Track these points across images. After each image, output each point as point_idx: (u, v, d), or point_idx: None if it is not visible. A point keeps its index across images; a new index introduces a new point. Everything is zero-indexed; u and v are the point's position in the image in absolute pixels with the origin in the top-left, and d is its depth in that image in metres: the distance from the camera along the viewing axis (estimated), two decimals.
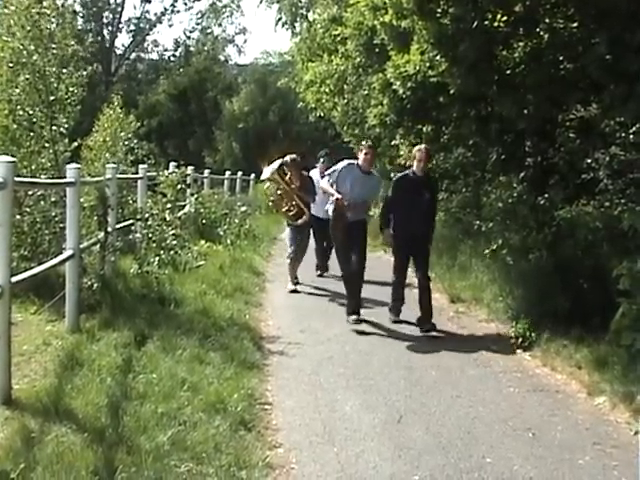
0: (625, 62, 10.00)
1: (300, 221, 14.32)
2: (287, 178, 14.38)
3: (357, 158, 12.21)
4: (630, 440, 7.05)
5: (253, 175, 37.13)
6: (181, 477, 5.57)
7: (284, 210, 14.52)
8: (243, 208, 23.20)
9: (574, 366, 9.20)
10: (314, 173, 15.51)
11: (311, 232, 15.03)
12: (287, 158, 14.46)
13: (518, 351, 10.30)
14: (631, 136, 10.46)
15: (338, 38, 22.03)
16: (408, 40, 14.39)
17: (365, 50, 18.09)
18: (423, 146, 11.88)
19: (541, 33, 12.00)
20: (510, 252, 12.49)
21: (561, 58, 11.79)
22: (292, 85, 32.17)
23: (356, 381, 8.72)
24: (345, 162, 11.90)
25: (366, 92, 19.84)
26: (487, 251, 13.07)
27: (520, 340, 10.44)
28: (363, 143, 13.19)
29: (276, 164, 14.39)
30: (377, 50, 17.44)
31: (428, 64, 13.69)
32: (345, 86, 22.65)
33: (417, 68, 14.12)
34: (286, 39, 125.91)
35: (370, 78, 18.17)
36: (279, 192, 14.47)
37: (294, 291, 14.41)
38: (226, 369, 8.23)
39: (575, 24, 11.40)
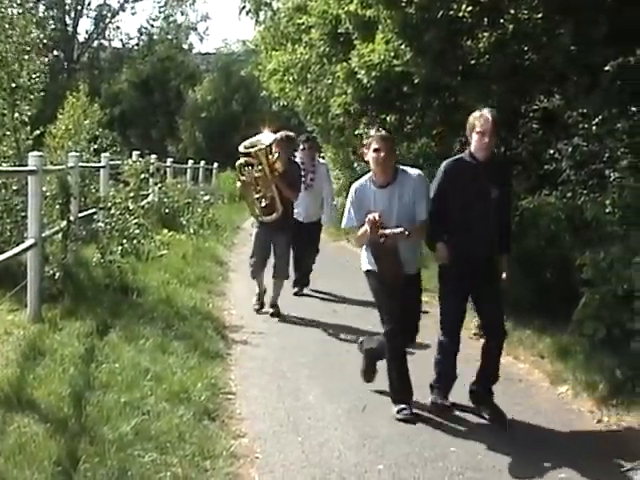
0: (589, 53, 10.05)
1: (269, 218, 10.99)
2: (271, 160, 10.93)
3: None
4: (593, 428, 7.11)
5: (216, 164, 37.05)
6: (145, 467, 5.52)
7: (253, 198, 11.07)
8: (206, 197, 23.17)
9: (537, 355, 9.25)
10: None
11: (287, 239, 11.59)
12: (281, 134, 11.27)
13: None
14: (594, 127, 10.51)
15: (302, 27, 21.94)
16: (373, 29, 14.38)
17: (329, 39, 18.02)
18: (486, 111, 7.30)
19: (506, 24, 12.03)
20: None
21: (525, 49, 11.84)
22: (255, 74, 32.03)
23: (320, 370, 8.73)
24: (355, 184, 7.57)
25: (330, 81, 19.78)
26: None
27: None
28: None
29: (269, 137, 11.00)
30: (341, 39, 17.39)
31: (393, 53, 13.68)
32: (309, 75, 22.56)
33: (382, 57, 14.10)
34: (250, 27, 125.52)
35: (334, 67, 18.12)
36: (256, 174, 10.84)
37: (276, 314, 11.44)
38: (189, 358, 8.20)
39: (540, 15, 11.43)
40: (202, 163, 35.36)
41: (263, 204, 11.08)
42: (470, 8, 11.76)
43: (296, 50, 23.21)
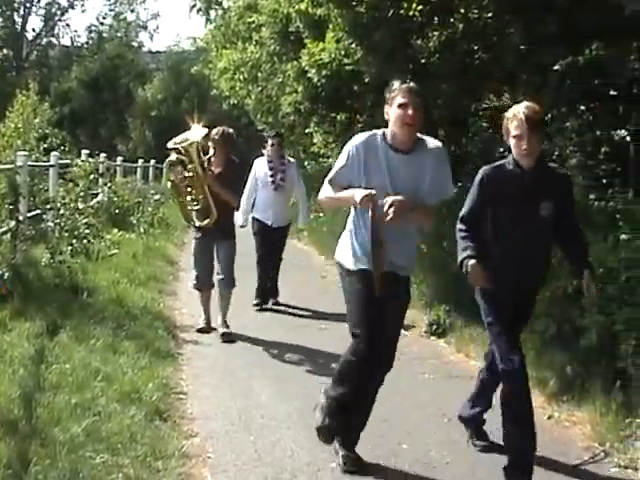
0: (539, 53, 10.13)
1: (204, 222, 9.77)
2: (206, 158, 9.80)
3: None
4: (543, 424, 7.12)
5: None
6: (96, 468, 5.47)
7: (185, 201, 9.87)
8: (156, 196, 23.04)
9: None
10: (260, 163, 12.09)
11: (235, 245, 10.35)
12: (218, 129, 10.11)
13: (432, 338, 10.39)
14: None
15: (253, 25, 21.97)
16: (323, 28, 14.41)
17: (280, 38, 18.03)
18: (521, 108, 5.96)
19: (456, 23, 12.10)
20: (424, 239, 12.57)
21: (475, 48, 11.92)
22: (206, 72, 31.97)
23: (272, 369, 8.73)
24: (360, 137, 6.06)
25: (280, 80, 19.81)
26: None
27: (435, 327, 10.51)
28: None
29: (199, 132, 9.79)
30: (292, 38, 17.41)
31: (343, 52, 13.74)
32: (259, 74, 22.57)
33: (332, 56, 14.14)
34: (201, 26, 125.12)
35: (285, 66, 18.15)
36: (187, 174, 9.61)
37: (203, 330, 10.38)
38: (140, 358, 8.14)
39: (490, 14, 11.51)
40: (152, 162, 35.20)
41: (196, 207, 9.80)
42: (420, 7, 11.81)
43: (247, 49, 23.22)
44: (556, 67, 10.16)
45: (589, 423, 6.95)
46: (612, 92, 11.45)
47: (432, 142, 6.07)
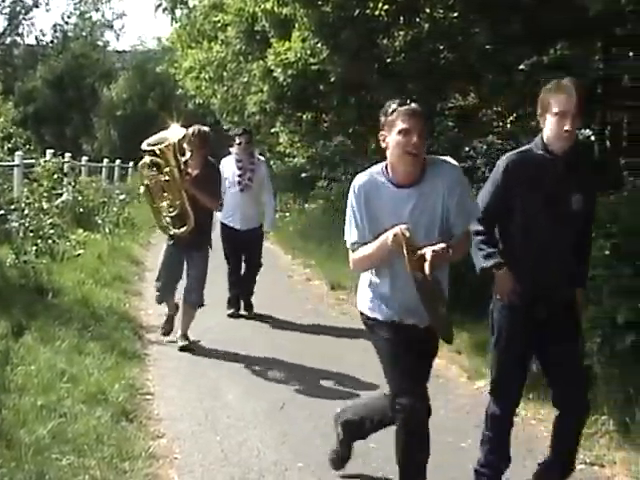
0: (504, 52, 10.18)
1: (180, 231, 9.00)
2: (183, 160, 9.04)
3: None
4: None
5: (131, 163, 36.71)
6: (63, 470, 5.44)
7: (160, 206, 9.02)
8: (122, 196, 22.95)
9: (454, 351, 9.30)
10: (227, 162, 11.26)
11: (209, 254, 9.66)
12: (194, 128, 9.37)
13: None
14: (508, 125, 10.66)
15: (219, 25, 21.90)
16: (289, 27, 14.39)
17: (246, 37, 17.99)
18: (567, 82, 5.16)
19: (421, 22, 12.13)
20: None
21: (441, 47, 11.95)
22: (171, 72, 31.86)
23: (238, 369, 8.71)
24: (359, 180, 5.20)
25: (246, 79, 19.78)
26: None
27: None
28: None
29: (178, 132, 9.02)
30: (258, 37, 17.37)
31: (309, 52, 13.72)
32: (225, 73, 22.53)
33: (298, 56, 14.12)
34: (166, 25, 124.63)
35: (250, 65, 18.12)
36: (164, 178, 8.83)
37: (186, 348, 9.45)
38: (106, 359, 8.10)
39: (455, 14, 11.54)
40: (117, 162, 35.03)
41: (172, 214, 8.98)
42: (386, 7, 11.83)
43: (212, 48, 23.18)
44: (521, 67, 10.22)
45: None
46: None
47: (443, 163, 5.14)
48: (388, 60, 12.38)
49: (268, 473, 5.98)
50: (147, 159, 8.92)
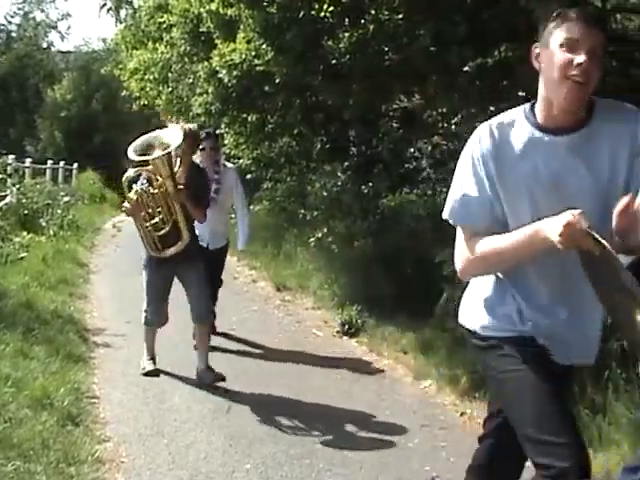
0: (448, 54, 10.21)
1: (171, 251, 7.93)
2: (176, 169, 7.97)
3: None
4: (456, 421, 7.24)
5: (76, 165, 36.44)
6: (8, 476, 5.36)
7: (147, 225, 7.87)
8: (66, 198, 22.81)
9: (400, 351, 9.37)
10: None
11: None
12: (184, 129, 8.14)
13: (345, 338, 10.43)
14: (453, 126, 10.72)
15: (163, 25, 21.77)
16: (234, 29, 14.34)
17: (191, 38, 17.87)
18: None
19: (367, 24, 12.14)
20: (335, 240, 12.65)
21: (386, 49, 11.96)
22: (116, 73, 31.65)
23: (185, 371, 8.63)
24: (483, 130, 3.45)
25: (191, 81, 19.70)
26: (312, 239, 13.22)
27: (347, 327, 10.55)
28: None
29: (177, 134, 7.88)
30: (203, 38, 17.27)
31: (254, 53, 13.66)
32: (170, 74, 22.41)
33: (243, 57, 14.06)
34: (111, 25, 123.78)
35: (195, 66, 18.03)
36: (153, 190, 7.74)
37: (152, 373, 8.46)
38: (51, 363, 7.99)
39: (400, 16, 11.57)
40: (62, 163, 34.74)
41: (161, 232, 7.85)
42: (331, 8, 11.83)
43: (157, 49, 23.05)
44: (466, 68, 10.28)
45: None
46: (521, 93, 11.62)
47: (619, 106, 3.56)
48: (333, 61, 12.36)
49: (216, 475, 5.96)
50: (131, 172, 7.81)
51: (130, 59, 25.73)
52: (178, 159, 8.03)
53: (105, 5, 28.83)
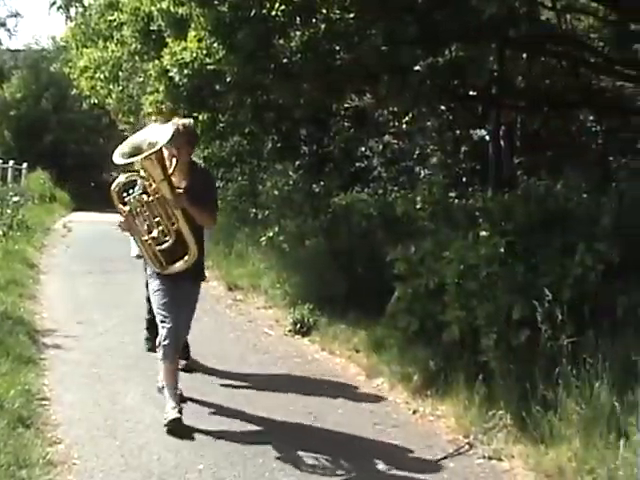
0: (400, 54, 10.25)
1: (177, 267, 6.85)
2: (171, 171, 6.83)
3: None
4: (409, 419, 7.27)
5: (25, 164, 36.08)
6: None
7: (147, 238, 6.84)
8: (15, 198, 22.54)
9: (352, 349, 9.39)
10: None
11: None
12: (177, 125, 7.09)
13: (297, 337, 10.42)
14: (404, 125, 10.77)
15: (114, 24, 21.68)
16: (186, 27, 14.30)
17: (141, 36, 17.79)
18: None
19: (318, 23, 12.16)
20: (287, 239, 12.65)
21: (337, 48, 11.99)
22: (66, 71, 31.40)
23: (138, 372, 8.59)
24: None
25: (142, 79, 19.60)
26: (264, 238, 13.21)
27: (299, 326, 10.55)
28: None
29: (166, 131, 6.84)
30: (154, 37, 17.21)
31: (205, 52, 13.64)
32: (120, 73, 22.29)
33: (194, 55, 14.03)
34: (61, 23, 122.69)
35: (146, 65, 17.94)
36: (148, 198, 6.73)
37: (176, 422, 6.76)
38: (1, 365, 7.90)
39: (352, 15, 11.60)
40: (11, 163, 34.38)
41: (164, 245, 6.77)
42: (283, 7, 11.83)
43: (107, 47, 22.92)
44: (417, 68, 10.32)
45: (453, 416, 7.08)
46: (471, 92, 11.71)
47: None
48: (284, 60, 12.38)
49: (169, 476, 5.93)
50: (122, 178, 6.85)
51: (80, 57, 25.52)
52: (174, 159, 6.84)
53: (55, 3, 28.66)
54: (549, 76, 13.80)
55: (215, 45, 12.88)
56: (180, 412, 6.84)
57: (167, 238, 6.71)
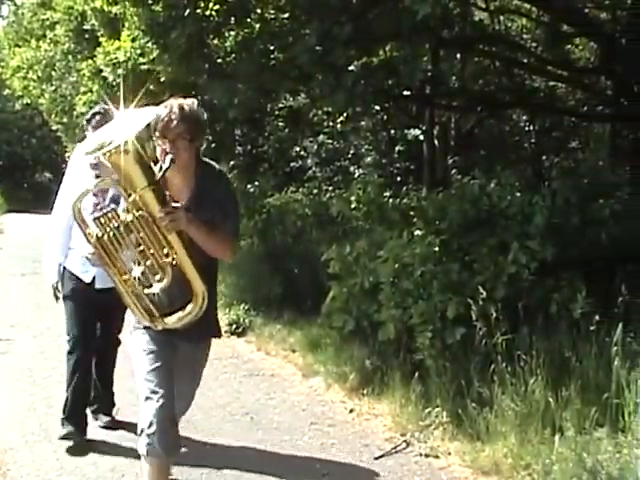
0: (334, 54, 10.26)
1: (175, 319, 4.67)
2: (162, 172, 4.50)
3: None
4: (345, 418, 7.29)
5: None
6: None
7: (126, 278, 4.57)
8: None
9: (288, 349, 9.41)
10: (74, 162, 6.72)
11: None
12: (170, 107, 4.66)
13: (232, 337, 10.41)
14: (339, 125, 10.79)
15: (47, 23, 21.54)
16: (119, 26, 14.22)
17: (75, 36, 17.71)
18: None
19: (252, 23, 12.14)
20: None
21: (272, 48, 11.99)
22: None
23: None
24: None
25: (75, 79, 19.47)
26: None
27: (234, 326, 10.56)
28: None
29: (143, 117, 4.57)
30: (87, 36, 17.12)
31: (139, 51, 13.57)
32: (54, 72, 22.12)
33: (128, 55, 13.96)
34: None
35: (80, 64, 17.81)
36: (126, 217, 4.46)
37: None
38: None
39: (286, 15, 11.60)
40: None
41: (154, 287, 4.56)
42: (217, 7, 11.80)
43: (40, 47, 22.73)
44: (351, 68, 10.34)
45: (390, 415, 7.12)
46: (405, 92, 11.77)
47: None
48: (219, 60, 12.36)
49: None
50: (85, 187, 4.79)
51: (12, 57, 25.27)
52: (167, 157, 4.58)
53: None
54: (483, 76, 13.94)
55: (149, 45, 12.81)
56: None
57: (159, 276, 4.53)
